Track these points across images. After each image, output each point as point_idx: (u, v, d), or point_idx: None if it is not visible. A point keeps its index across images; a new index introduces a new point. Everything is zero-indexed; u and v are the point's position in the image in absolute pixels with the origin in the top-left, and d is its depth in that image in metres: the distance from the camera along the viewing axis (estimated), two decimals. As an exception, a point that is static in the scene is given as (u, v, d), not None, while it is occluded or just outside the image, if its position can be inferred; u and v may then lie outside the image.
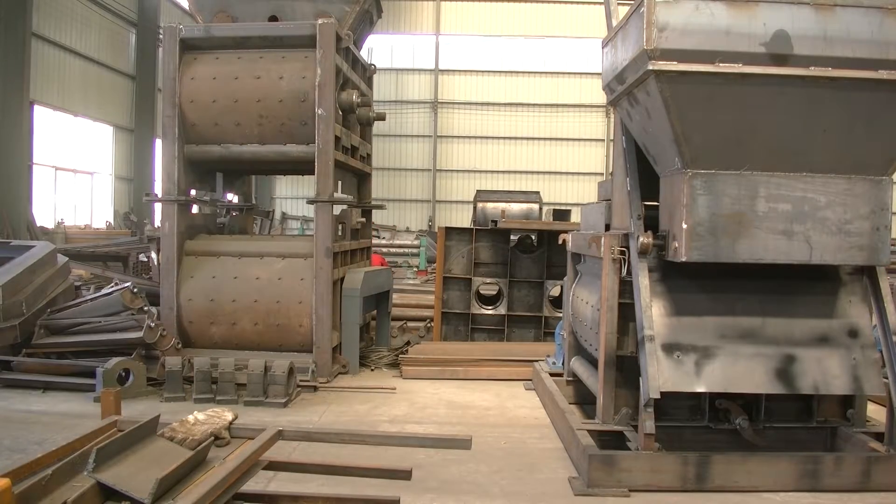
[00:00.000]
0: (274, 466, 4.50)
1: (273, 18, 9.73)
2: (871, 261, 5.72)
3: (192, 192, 9.75)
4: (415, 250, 27.95)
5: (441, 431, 6.86)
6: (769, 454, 5.80)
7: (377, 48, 33.30)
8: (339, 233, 9.62)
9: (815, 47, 5.23)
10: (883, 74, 5.29)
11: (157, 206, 10.06)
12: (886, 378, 5.91)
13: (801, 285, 6.11)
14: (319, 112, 8.92)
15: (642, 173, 6.37)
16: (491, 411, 7.86)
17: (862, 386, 5.88)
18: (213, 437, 4.34)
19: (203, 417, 4.51)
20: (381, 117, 10.73)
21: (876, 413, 6.61)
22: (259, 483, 5.00)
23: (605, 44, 6.41)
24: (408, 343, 10.91)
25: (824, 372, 5.83)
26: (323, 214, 9.02)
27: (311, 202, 9.22)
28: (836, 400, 6.50)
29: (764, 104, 5.34)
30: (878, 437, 6.18)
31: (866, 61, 5.27)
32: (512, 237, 11.83)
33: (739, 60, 5.19)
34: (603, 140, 34.37)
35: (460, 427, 7.01)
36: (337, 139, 9.12)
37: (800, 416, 6.50)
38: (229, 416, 4.63)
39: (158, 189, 9.54)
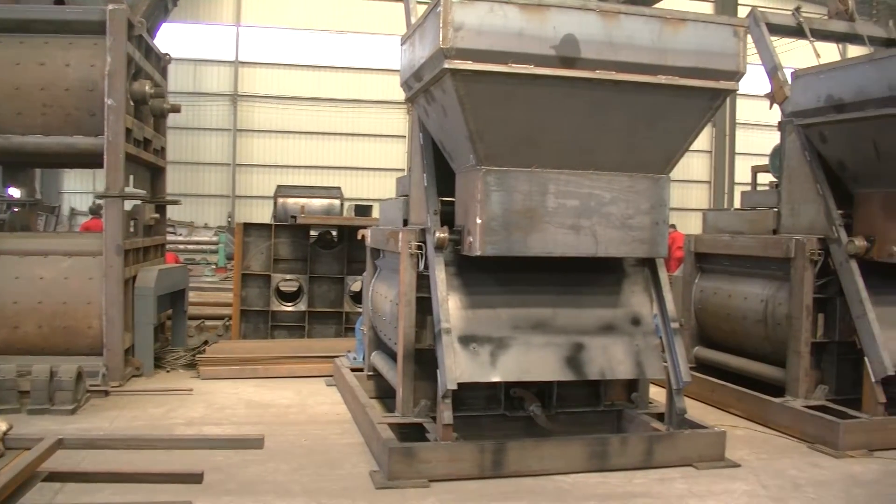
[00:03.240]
0: (57, 477, 4.26)
1: (60, 2, 9.15)
2: (651, 253, 6.12)
3: (-34, 185, 9.03)
4: (214, 247, 27.19)
5: (240, 432, 6.71)
6: (561, 438, 6.09)
7: (173, 37, 32.06)
8: (131, 229, 9.20)
9: (601, 52, 5.50)
10: (661, 79, 5.65)
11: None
12: (666, 362, 6.35)
13: (589, 277, 6.44)
14: (109, 102, 8.47)
15: (439, 170, 6.49)
16: (292, 409, 7.77)
17: (644, 370, 6.28)
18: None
19: (-30, 430, 4.19)
20: (176, 109, 10.34)
21: (657, 395, 7.05)
22: (45, 496, 4.69)
23: (403, 41, 6.47)
24: (205, 342, 10.60)
25: (610, 358, 6.17)
26: (113, 210, 8.58)
27: (100, 197, 8.74)
28: (621, 384, 6.91)
29: (554, 104, 5.57)
30: (660, 417, 6.65)
31: (647, 66, 5.61)
32: (312, 233, 11.74)
33: (531, 62, 5.38)
34: (405, 136, 34.67)
35: (260, 427, 6.88)
36: (128, 131, 8.70)
37: (589, 400, 6.85)
38: (2, 426, 4.32)
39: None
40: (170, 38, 27.55)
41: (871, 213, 7.18)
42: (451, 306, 6.02)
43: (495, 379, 5.98)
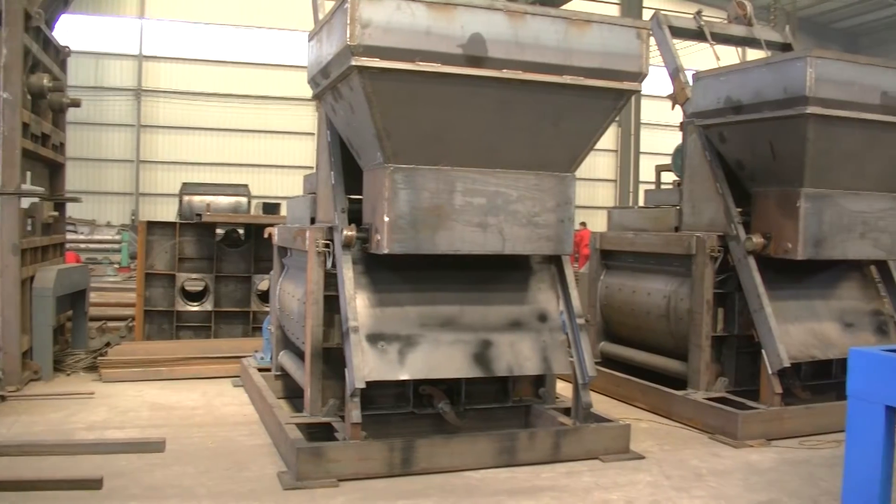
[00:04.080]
0: (-55, 486, 4.08)
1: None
2: (557, 250, 6.21)
3: None
4: (116, 246, 26.49)
5: (144, 435, 6.54)
6: (470, 435, 6.12)
7: (74, 30, 31.08)
8: (29, 228, 8.89)
9: (507, 51, 5.55)
10: (567, 79, 5.73)
11: None
12: (572, 358, 6.45)
13: (496, 275, 6.49)
14: (5, 96, 8.15)
15: (347, 167, 6.45)
16: (198, 411, 7.62)
17: (551, 366, 6.36)
18: None
19: None
20: (76, 103, 10.02)
21: (564, 390, 7.15)
22: (-67, 506, 4.52)
23: (311, 37, 6.42)
24: (108, 344, 10.29)
25: (517, 354, 6.23)
26: (9, 208, 8.26)
27: (-6, 194, 8.42)
28: (529, 380, 6.98)
29: (461, 103, 5.60)
30: (567, 411, 6.74)
31: (553, 66, 5.68)
32: (219, 231, 11.53)
33: (438, 60, 5.39)
34: (313, 133, 34.36)
35: (165, 429, 6.73)
36: (25, 126, 8.40)
37: (497, 396, 6.90)
38: None
39: None
40: (70, 30, 26.77)
41: (768, 211, 7.43)
42: (358, 304, 6.00)
43: (404, 377, 5.98)
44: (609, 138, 35.77)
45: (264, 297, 11.43)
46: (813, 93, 6.67)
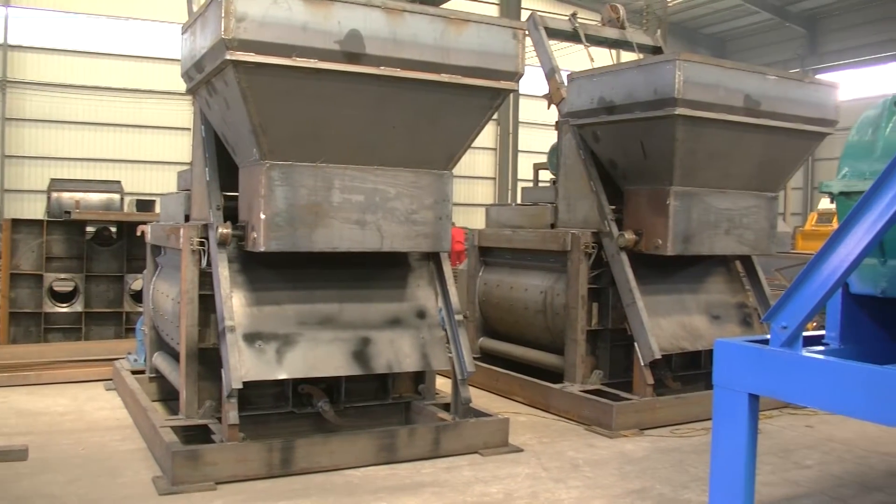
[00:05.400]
0: None
1: None
2: (435, 247, 6.26)
3: None
4: (-20, 245, 25.22)
5: (10, 443, 6.26)
6: (350, 433, 6.10)
7: (-71, 17, 29.46)
8: None
9: (385, 48, 5.54)
10: (444, 77, 5.77)
11: None
12: (451, 354, 6.51)
13: (375, 272, 6.49)
14: None
15: (222, 164, 6.33)
16: (68, 416, 7.33)
17: (430, 362, 6.41)
18: None
19: None
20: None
21: (444, 386, 7.21)
22: None
23: (184, 30, 6.25)
24: (-31, 348, 9.82)
25: (397, 351, 6.25)
26: None
27: None
28: (409, 377, 7.01)
29: (339, 100, 5.56)
30: (446, 407, 6.81)
31: (430, 64, 5.70)
32: (89, 229, 11.13)
33: (315, 56, 5.34)
34: (189, 129, 33.59)
35: (32, 437, 6.45)
36: None
37: (377, 394, 6.90)
38: None
39: None
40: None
41: (639, 209, 7.68)
42: (235, 303, 5.90)
43: (282, 376, 5.92)
44: (488, 137, 36.25)
45: (137, 297, 11.09)
46: (681, 95, 6.90)
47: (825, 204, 25.29)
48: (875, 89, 31.97)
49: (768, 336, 4.07)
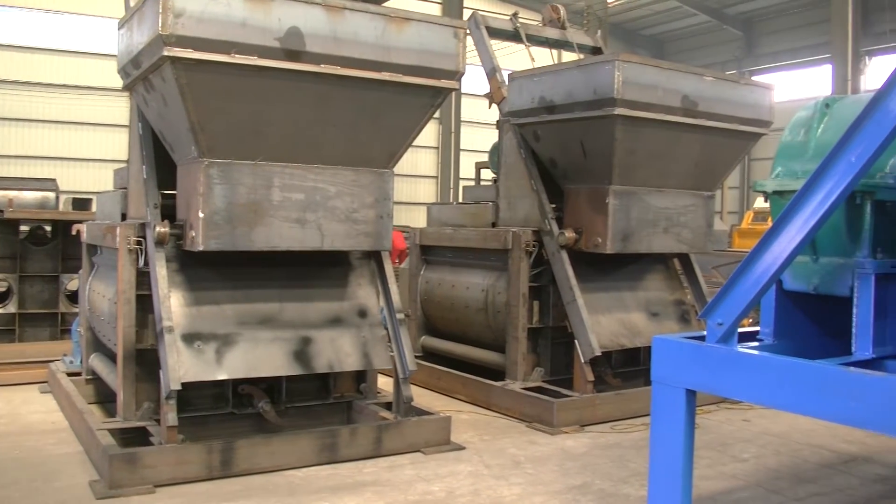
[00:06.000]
0: None
1: None
2: (376, 246, 6.25)
3: None
4: None
5: (-61, 449, 6.12)
6: (291, 433, 6.06)
7: None
8: None
9: (326, 46, 5.50)
10: (385, 76, 5.75)
11: None
12: (392, 352, 6.50)
13: (316, 271, 6.46)
14: None
15: (160, 161, 6.24)
16: (1, 420, 7.14)
17: (371, 361, 6.40)
18: None
19: None
20: None
21: (386, 385, 7.20)
22: None
23: (121, 25, 6.13)
24: None
25: (338, 351, 6.23)
26: None
27: None
28: (350, 376, 6.98)
29: (279, 97, 5.51)
30: (388, 406, 6.81)
31: (371, 63, 5.68)
32: (23, 228, 10.87)
33: (255, 53, 5.28)
34: (126, 126, 32.98)
35: (-38, 441, 6.31)
36: None
37: (319, 393, 6.87)
38: None
39: None
40: None
41: (579, 207, 7.75)
42: (173, 304, 5.82)
43: (222, 377, 5.85)
44: (430, 135, 36.32)
45: (73, 297, 10.86)
46: (620, 95, 6.98)
47: (761, 203, 25.87)
48: (808, 91, 32.80)
49: (705, 332, 4.14)
